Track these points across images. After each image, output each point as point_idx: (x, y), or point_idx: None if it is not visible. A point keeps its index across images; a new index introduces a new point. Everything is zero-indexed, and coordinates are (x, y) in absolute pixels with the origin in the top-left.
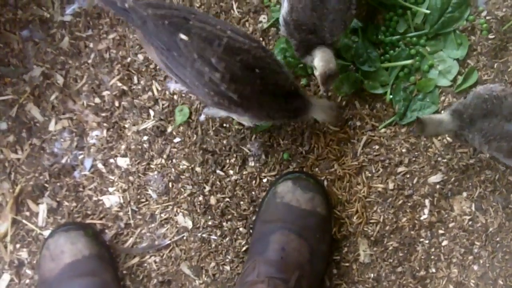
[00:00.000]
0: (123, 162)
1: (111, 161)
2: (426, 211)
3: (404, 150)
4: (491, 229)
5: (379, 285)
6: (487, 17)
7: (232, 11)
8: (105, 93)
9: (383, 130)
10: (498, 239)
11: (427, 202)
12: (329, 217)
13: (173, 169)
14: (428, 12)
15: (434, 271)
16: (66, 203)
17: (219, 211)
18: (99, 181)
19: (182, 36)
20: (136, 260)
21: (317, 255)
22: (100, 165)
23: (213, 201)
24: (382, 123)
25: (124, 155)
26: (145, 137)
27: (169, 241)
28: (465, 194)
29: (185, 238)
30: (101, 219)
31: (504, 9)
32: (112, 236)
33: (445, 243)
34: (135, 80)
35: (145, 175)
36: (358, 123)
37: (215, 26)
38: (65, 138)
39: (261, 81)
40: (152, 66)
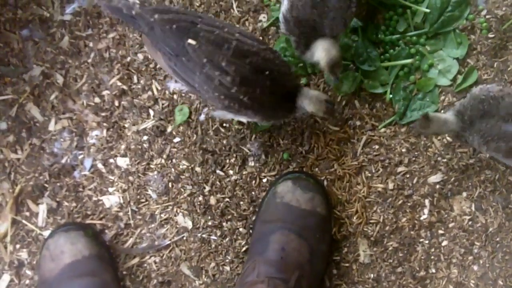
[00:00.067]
0: (123, 162)
1: (111, 161)
2: (426, 211)
3: (404, 150)
4: (491, 229)
5: (379, 285)
6: (487, 16)
7: (232, 10)
8: (105, 92)
9: (383, 129)
10: (498, 239)
11: (427, 202)
12: (329, 217)
13: (173, 169)
14: (428, 11)
15: (434, 271)
16: (66, 203)
17: (219, 211)
18: (99, 181)
19: (190, 41)
20: (136, 260)
21: (317, 255)
22: (100, 165)
23: (213, 201)
24: (382, 122)
25: (124, 155)
26: (145, 137)
27: (169, 242)
28: (465, 194)
29: (185, 238)
30: (101, 219)
31: (504, 8)
32: (112, 236)
33: (445, 243)
34: (135, 79)
35: (145, 175)
36: (358, 123)
37: (223, 29)
38: (65, 138)
39: (270, 83)
40: (152, 65)
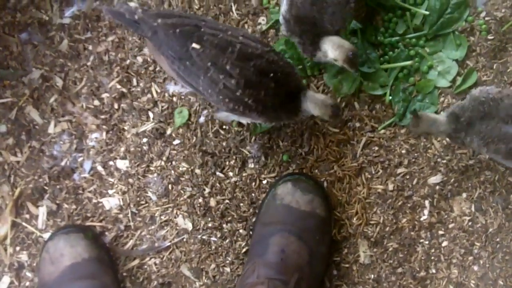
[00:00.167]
0: (123, 164)
1: (111, 163)
2: (426, 212)
3: (403, 151)
4: (491, 230)
5: (379, 286)
6: (486, 18)
7: (231, 13)
8: (104, 95)
9: (382, 131)
10: (498, 240)
11: (427, 203)
12: (329, 219)
13: (172, 171)
14: (427, 13)
15: (434, 271)
16: (65, 206)
17: (219, 213)
18: (99, 183)
19: (194, 45)
20: (136, 262)
21: (316, 257)
22: (99, 168)
23: (213, 203)
24: (381, 124)
25: (123, 158)
26: (145, 139)
27: (169, 243)
28: (464, 195)
29: (185, 240)
30: (100, 221)
31: (503, 10)
32: (112, 238)
33: (445, 244)
34: (134, 82)
35: (144, 177)
36: (357, 124)
37: (227, 32)
38: (64, 140)
39: (275, 85)
40: (151, 68)
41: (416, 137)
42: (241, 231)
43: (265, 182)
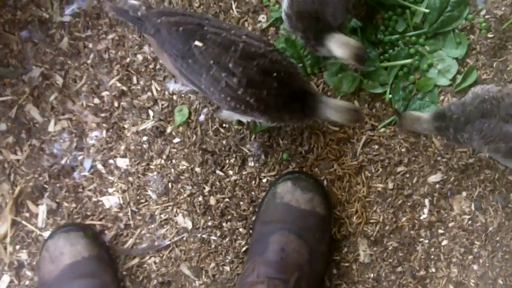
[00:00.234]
0: (123, 162)
1: (111, 161)
2: (425, 210)
3: (403, 149)
4: (490, 229)
5: (379, 285)
6: (486, 16)
7: (231, 11)
8: (105, 93)
9: (382, 129)
10: (497, 239)
11: (426, 201)
12: (328, 217)
13: (172, 170)
14: (427, 11)
15: (434, 270)
16: (65, 204)
17: (218, 212)
18: (99, 182)
19: (197, 43)
20: (136, 261)
21: (316, 255)
22: (99, 166)
23: (213, 202)
24: (381, 122)
25: (123, 156)
26: (145, 138)
27: (169, 242)
28: (464, 193)
29: (184, 238)
30: (100, 220)
31: (503, 8)
32: (111, 237)
33: (444, 243)
34: (134, 80)
35: (144, 176)
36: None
37: (230, 31)
38: (64, 139)
39: (277, 84)
40: (151, 66)
41: (416, 136)
42: (241, 229)
43: (265, 180)
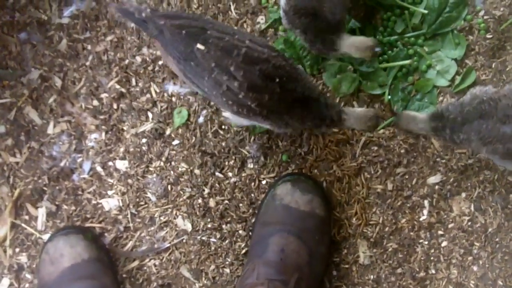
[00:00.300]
0: (122, 165)
1: (110, 164)
2: (425, 212)
3: (403, 151)
4: (490, 230)
5: (379, 286)
6: (485, 17)
7: (230, 12)
8: (103, 95)
9: (381, 131)
10: (497, 240)
11: (426, 203)
12: (328, 219)
13: (172, 172)
14: (425, 12)
15: (433, 272)
16: (65, 207)
17: (218, 214)
18: (98, 184)
19: (199, 46)
20: (135, 263)
21: (316, 257)
22: (99, 168)
23: (212, 204)
24: (380, 124)
25: (122, 158)
26: (144, 140)
27: (168, 244)
28: (464, 194)
29: (184, 241)
30: (100, 222)
31: (501, 9)
32: (111, 239)
33: (444, 244)
34: (133, 82)
35: (144, 178)
36: None
37: (234, 35)
38: (63, 141)
39: (280, 90)
40: (150, 68)
41: (415, 137)
42: (240, 231)
43: (264, 182)
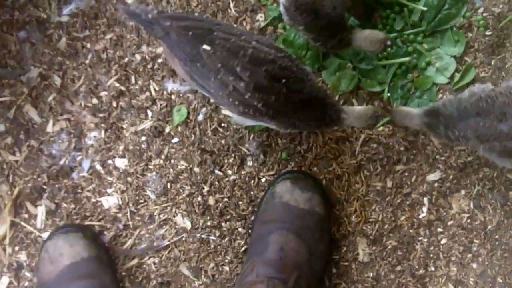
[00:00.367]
0: (121, 163)
1: (109, 162)
2: (424, 209)
3: (402, 148)
4: (489, 227)
5: (378, 284)
6: (484, 14)
7: (229, 10)
8: (103, 93)
9: (381, 128)
10: (496, 237)
11: (425, 200)
12: (327, 217)
13: (171, 170)
14: (425, 9)
15: (433, 269)
16: (64, 205)
17: (217, 212)
18: (98, 182)
19: (205, 46)
20: (135, 261)
21: (315, 255)
22: (98, 166)
23: (212, 202)
24: (380, 121)
25: (122, 156)
26: (143, 138)
27: (168, 242)
28: (463, 192)
29: (184, 239)
30: (99, 220)
31: (501, 6)
32: (111, 237)
33: (444, 241)
34: (133, 80)
35: (143, 176)
36: None
37: (240, 36)
38: (63, 139)
39: (286, 90)
40: (149, 66)
41: (414, 134)
42: (240, 229)
43: (264, 180)
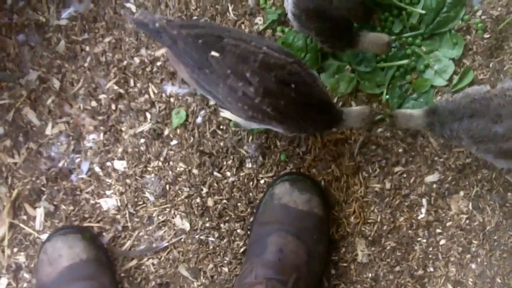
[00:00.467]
0: (120, 165)
1: (108, 164)
2: (423, 210)
3: (400, 150)
4: (488, 228)
5: (377, 284)
6: (483, 17)
7: (227, 14)
8: (102, 96)
9: (379, 130)
10: (495, 238)
11: (424, 201)
12: (326, 218)
13: (170, 172)
14: (423, 12)
15: (432, 270)
16: (63, 207)
17: (216, 213)
18: (96, 184)
19: (213, 53)
20: (134, 262)
21: (314, 256)
22: (97, 169)
23: (211, 203)
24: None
25: (121, 158)
26: (142, 140)
27: (166, 244)
28: (462, 193)
29: (182, 240)
30: (98, 222)
31: (499, 8)
32: (109, 239)
33: (442, 242)
34: (132, 83)
35: (142, 178)
36: None
37: (250, 43)
38: (62, 142)
39: (295, 95)
40: (148, 69)
41: (413, 136)
42: (239, 231)
43: (262, 181)
